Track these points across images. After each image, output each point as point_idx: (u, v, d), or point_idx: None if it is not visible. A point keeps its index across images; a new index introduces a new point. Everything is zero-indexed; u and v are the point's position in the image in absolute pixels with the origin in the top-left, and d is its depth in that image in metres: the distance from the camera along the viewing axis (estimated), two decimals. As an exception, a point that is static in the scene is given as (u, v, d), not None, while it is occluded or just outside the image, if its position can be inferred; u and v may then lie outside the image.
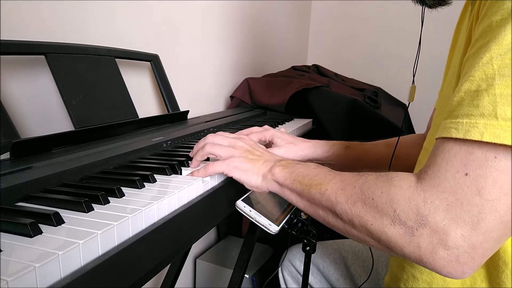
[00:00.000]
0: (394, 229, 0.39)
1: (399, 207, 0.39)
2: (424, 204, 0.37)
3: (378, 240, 0.41)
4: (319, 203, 0.47)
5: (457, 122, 0.37)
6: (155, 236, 0.41)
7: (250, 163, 0.56)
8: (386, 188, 0.40)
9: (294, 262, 0.89)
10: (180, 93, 1.05)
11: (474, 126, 0.35)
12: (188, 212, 0.48)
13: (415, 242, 0.38)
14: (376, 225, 0.40)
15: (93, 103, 0.71)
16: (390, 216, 0.39)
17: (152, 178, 0.52)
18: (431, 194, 0.37)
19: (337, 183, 0.46)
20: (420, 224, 0.37)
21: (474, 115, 0.35)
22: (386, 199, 0.40)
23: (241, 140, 0.61)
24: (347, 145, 0.77)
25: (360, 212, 0.42)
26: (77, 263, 0.32)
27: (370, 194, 0.42)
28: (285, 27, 1.91)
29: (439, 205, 0.36)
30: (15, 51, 0.61)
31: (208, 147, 0.59)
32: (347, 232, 0.45)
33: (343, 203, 0.44)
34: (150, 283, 1.07)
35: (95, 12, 0.83)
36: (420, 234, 0.37)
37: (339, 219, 0.45)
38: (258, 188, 0.56)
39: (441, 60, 1.01)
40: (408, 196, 0.38)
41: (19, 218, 0.36)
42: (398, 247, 0.39)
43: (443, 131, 0.38)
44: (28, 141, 0.57)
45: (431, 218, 0.37)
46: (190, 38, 1.16)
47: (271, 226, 0.56)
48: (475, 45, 0.39)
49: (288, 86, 1.26)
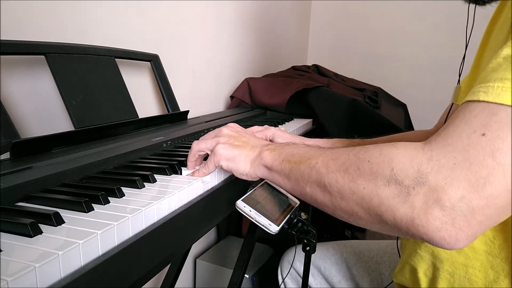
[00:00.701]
0: (388, 190, 0.36)
1: (397, 165, 0.36)
2: (428, 162, 0.34)
3: (368, 207, 0.38)
4: (308, 179, 0.45)
5: (487, 86, 0.34)
6: (155, 236, 0.41)
7: (236, 149, 0.54)
8: (386, 149, 0.38)
9: (294, 263, 0.88)
10: (180, 93, 1.05)
11: (507, 90, 0.33)
12: (188, 212, 0.48)
13: (410, 202, 0.35)
14: (368, 188, 0.37)
15: (93, 103, 0.71)
16: (386, 176, 0.36)
17: (152, 178, 0.52)
18: (439, 152, 0.34)
19: (328, 155, 0.44)
20: (418, 183, 0.34)
21: (508, 79, 0.33)
22: (384, 159, 0.37)
23: (227, 128, 0.59)
24: (348, 143, 0.77)
25: (352, 178, 0.39)
26: (77, 263, 0.32)
27: (366, 157, 0.39)
28: (285, 27, 1.91)
29: (444, 164, 0.34)
30: (15, 51, 0.61)
31: (194, 145, 0.57)
32: (334, 207, 0.42)
33: (334, 172, 0.41)
34: (150, 283, 1.07)
35: (95, 12, 0.83)
36: (416, 193, 0.34)
37: (327, 192, 0.42)
38: (247, 176, 0.54)
39: (441, 60, 1.02)
40: (411, 155, 0.36)
41: (19, 218, 0.36)
42: (390, 210, 0.36)
43: (470, 95, 0.36)
44: (28, 141, 0.57)
45: (432, 176, 0.34)
46: (190, 38, 1.16)
47: (271, 226, 0.56)
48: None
49: (288, 86, 1.26)
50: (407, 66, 1.91)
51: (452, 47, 0.68)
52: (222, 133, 0.57)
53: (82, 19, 0.80)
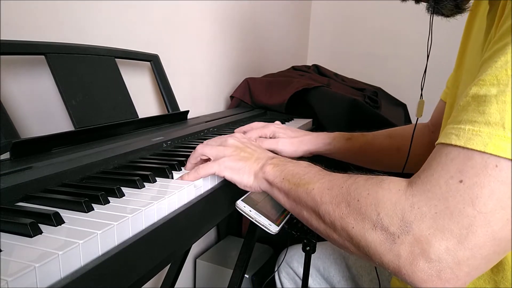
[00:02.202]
0: (374, 234, 0.36)
1: (383, 211, 0.36)
2: (411, 209, 0.34)
3: (357, 246, 0.39)
4: (305, 203, 0.45)
5: (459, 128, 0.34)
6: (155, 236, 0.41)
7: (241, 161, 0.55)
8: (373, 190, 0.38)
9: (291, 263, 0.88)
10: (180, 93, 1.05)
11: (477, 135, 0.32)
12: (188, 212, 0.48)
13: (395, 250, 0.35)
14: (357, 229, 0.38)
15: (93, 103, 0.71)
16: (373, 220, 0.36)
17: (152, 178, 0.52)
18: (420, 199, 0.34)
19: (324, 183, 0.44)
20: (402, 231, 0.34)
21: (478, 122, 0.32)
22: (371, 201, 0.37)
23: (232, 138, 0.59)
24: (349, 137, 0.78)
25: (343, 214, 0.40)
26: (77, 263, 0.32)
27: (356, 195, 0.39)
28: (285, 27, 1.91)
29: (426, 212, 0.33)
30: (15, 51, 0.61)
31: (199, 147, 0.57)
32: (328, 236, 0.43)
33: (327, 204, 0.42)
34: (150, 283, 1.07)
35: (95, 12, 0.83)
36: (401, 242, 0.34)
37: (321, 221, 0.43)
38: (251, 188, 0.54)
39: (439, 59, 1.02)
40: (395, 200, 0.36)
41: (19, 218, 0.36)
42: (377, 254, 0.36)
43: (443, 136, 0.36)
44: (28, 141, 0.57)
45: (415, 226, 0.34)
46: (190, 38, 1.16)
47: (271, 226, 0.56)
48: (492, 48, 0.36)
49: (288, 86, 1.26)
50: (407, 66, 1.91)
51: (452, 47, 0.68)
52: (228, 143, 0.57)
53: (82, 19, 0.80)
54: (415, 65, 1.90)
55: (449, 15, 0.50)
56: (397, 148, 0.73)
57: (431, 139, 0.77)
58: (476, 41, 0.52)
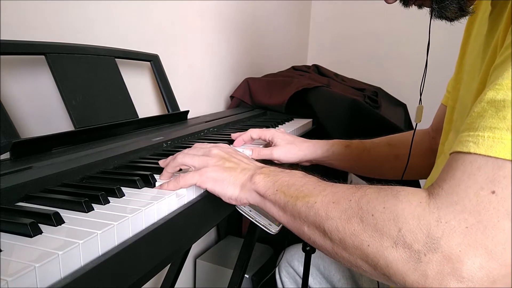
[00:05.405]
0: (396, 253, 0.33)
1: (405, 226, 0.33)
2: (438, 224, 0.31)
3: (374, 266, 0.35)
4: (305, 218, 0.41)
5: (477, 136, 0.32)
6: (155, 236, 0.41)
7: (225, 172, 0.50)
8: (390, 203, 0.35)
9: (292, 262, 0.88)
10: (180, 93, 1.05)
11: (500, 142, 0.30)
12: (188, 212, 0.48)
13: (421, 270, 0.32)
14: (374, 247, 0.34)
15: (93, 103, 0.71)
16: (393, 237, 0.33)
17: (152, 178, 0.52)
18: (447, 213, 0.31)
19: (328, 196, 0.40)
20: (429, 249, 0.31)
21: (498, 128, 0.31)
22: (389, 216, 0.34)
23: (217, 148, 0.55)
24: (347, 144, 0.77)
25: (355, 231, 0.36)
26: (77, 263, 0.32)
27: (369, 209, 0.36)
28: (285, 27, 1.91)
29: (456, 227, 0.31)
30: (15, 51, 0.61)
31: (180, 157, 0.53)
32: (337, 255, 0.39)
33: (335, 219, 0.38)
34: (150, 283, 1.07)
35: (95, 12, 0.83)
36: (428, 261, 0.31)
37: (328, 238, 0.39)
38: (236, 201, 0.50)
39: (440, 60, 1.02)
40: (418, 213, 0.33)
41: (19, 218, 0.36)
42: (399, 274, 0.33)
43: (458, 144, 0.34)
44: (28, 141, 0.57)
45: (444, 242, 0.31)
46: (190, 38, 1.16)
47: (271, 226, 0.56)
48: (505, 52, 0.34)
49: (288, 86, 1.26)
50: (407, 66, 1.91)
51: (452, 47, 0.68)
52: (212, 153, 0.53)
53: (82, 19, 0.80)
54: (415, 65, 1.90)
55: (453, 18, 0.49)
56: (396, 155, 0.72)
57: (431, 145, 0.76)
58: (476, 43, 0.51)
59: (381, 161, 0.77)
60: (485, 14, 0.48)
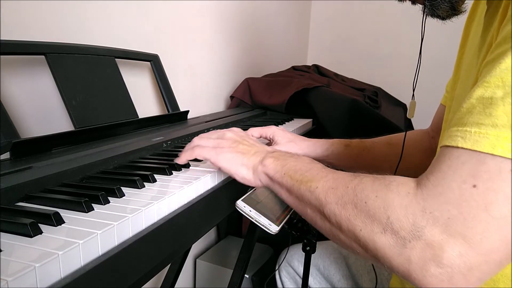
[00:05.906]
0: (384, 238, 0.36)
1: (393, 214, 0.35)
2: (422, 214, 0.34)
3: (365, 248, 0.38)
4: (308, 201, 0.45)
5: (464, 131, 0.33)
6: (155, 236, 0.41)
7: (239, 153, 0.54)
8: (382, 192, 0.37)
9: (292, 262, 0.88)
10: (180, 93, 1.05)
11: (485, 137, 0.32)
12: (188, 212, 0.48)
13: (406, 255, 0.34)
14: (365, 232, 0.37)
15: (93, 103, 0.71)
16: (382, 223, 0.36)
17: (152, 178, 0.52)
18: (432, 203, 0.34)
19: (328, 181, 0.43)
20: (414, 236, 0.34)
21: (484, 125, 0.32)
22: (380, 204, 0.37)
23: (231, 131, 0.59)
24: (347, 143, 0.77)
25: (349, 216, 0.39)
26: (77, 263, 0.32)
27: (363, 197, 0.38)
28: (285, 27, 1.91)
29: (438, 217, 0.33)
30: (15, 51, 0.61)
31: (196, 139, 0.58)
32: (334, 236, 0.42)
33: (333, 204, 0.41)
34: (150, 283, 1.07)
35: (95, 12, 0.83)
36: (412, 247, 0.34)
37: (327, 220, 0.42)
38: (249, 182, 0.54)
39: (440, 60, 1.02)
40: (405, 203, 0.35)
41: (19, 218, 0.36)
42: (386, 258, 0.36)
43: (447, 138, 0.35)
44: (28, 141, 0.57)
45: (427, 231, 0.33)
46: (190, 38, 1.16)
47: (271, 226, 0.56)
48: (495, 50, 0.35)
49: (288, 86, 1.26)
50: (407, 66, 1.90)
51: (452, 47, 0.68)
52: (226, 136, 0.57)
53: (82, 19, 0.80)
54: (415, 65, 1.90)
55: (444, 17, 0.49)
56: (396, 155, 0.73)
57: (430, 145, 0.76)
58: (473, 43, 0.51)
59: (380, 160, 0.78)
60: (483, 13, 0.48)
